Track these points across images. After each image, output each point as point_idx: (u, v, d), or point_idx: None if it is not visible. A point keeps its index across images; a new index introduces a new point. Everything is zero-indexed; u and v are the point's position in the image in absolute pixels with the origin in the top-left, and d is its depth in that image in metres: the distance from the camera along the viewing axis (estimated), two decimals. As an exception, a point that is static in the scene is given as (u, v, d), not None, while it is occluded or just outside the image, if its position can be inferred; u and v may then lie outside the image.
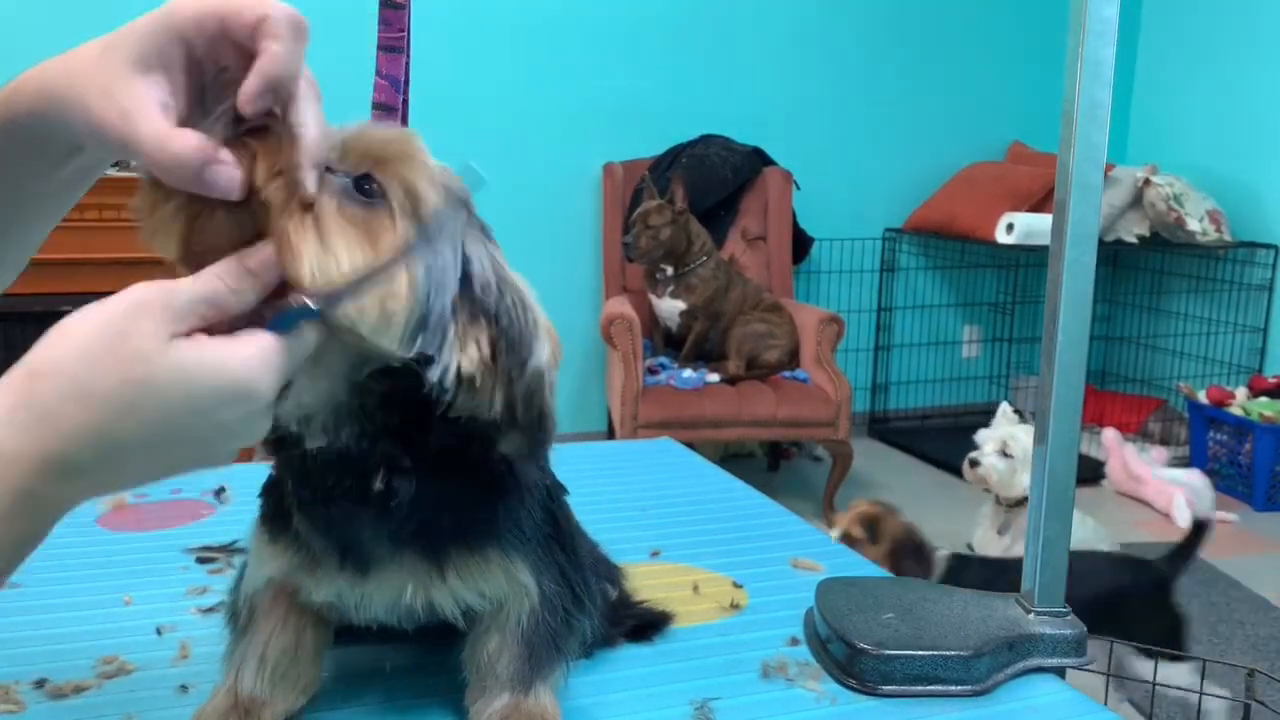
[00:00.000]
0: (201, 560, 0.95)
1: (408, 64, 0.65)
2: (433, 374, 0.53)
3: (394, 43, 0.63)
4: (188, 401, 0.46)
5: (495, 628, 0.67)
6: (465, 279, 0.54)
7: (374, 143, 0.53)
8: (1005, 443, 2.60)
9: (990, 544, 2.70)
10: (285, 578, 0.65)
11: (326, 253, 0.49)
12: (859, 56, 4.16)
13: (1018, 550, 2.61)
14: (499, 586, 0.65)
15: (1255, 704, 1.21)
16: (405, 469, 0.58)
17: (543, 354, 0.56)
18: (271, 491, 0.64)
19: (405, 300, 0.51)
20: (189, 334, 0.47)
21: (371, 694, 0.73)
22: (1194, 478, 3.47)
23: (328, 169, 0.52)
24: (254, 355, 0.47)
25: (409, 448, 0.58)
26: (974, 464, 2.63)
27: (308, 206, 0.50)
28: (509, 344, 0.55)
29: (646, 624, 0.83)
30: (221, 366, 0.47)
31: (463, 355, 0.54)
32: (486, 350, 0.55)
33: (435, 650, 0.74)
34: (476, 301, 0.55)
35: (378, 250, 0.51)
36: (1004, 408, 2.70)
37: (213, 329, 0.48)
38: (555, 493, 0.72)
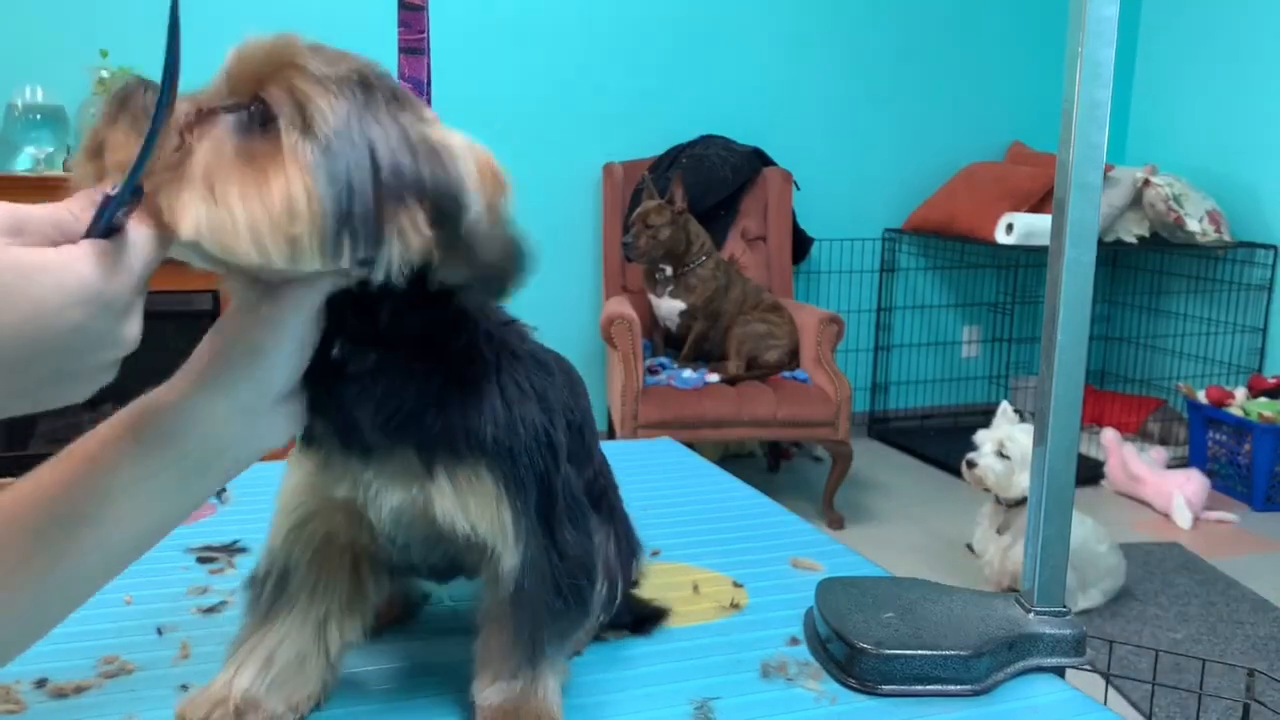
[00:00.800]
0: (202, 560, 0.96)
1: (429, 65, 0.65)
2: (377, 274, 0.52)
3: (415, 45, 0.63)
4: (29, 296, 0.43)
5: (489, 583, 0.67)
6: (375, 167, 0.52)
7: (252, 63, 0.52)
8: (1003, 443, 2.60)
9: (990, 544, 2.70)
10: (310, 479, 0.66)
11: (214, 201, 0.49)
12: (859, 57, 4.16)
13: (1017, 550, 2.61)
14: (488, 507, 0.64)
15: (1255, 704, 1.21)
16: (362, 338, 0.58)
17: (474, 203, 0.54)
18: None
19: (307, 219, 0.49)
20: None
21: (377, 693, 0.73)
22: (1193, 478, 3.48)
23: (218, 110, 0.51)
24: (86, 251, 0.45)
25: (373, 325, 0.58)
26: (971, 464, 2.63)
27: (185, 158, 0.49)
28: (442, 212, 0.53)
29: (645, 618, 0.84)
30: (60, 263, 0.44)
31: (401, 243, 0.52)
32: (425, 228, 0.53)
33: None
34: (394, 185, 0.52)
35: (271, 182, 0.49)
36: (1004, 407, 2.70)
37: None
38: (582, 424, 0.72)
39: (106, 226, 0.47)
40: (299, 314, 0.55)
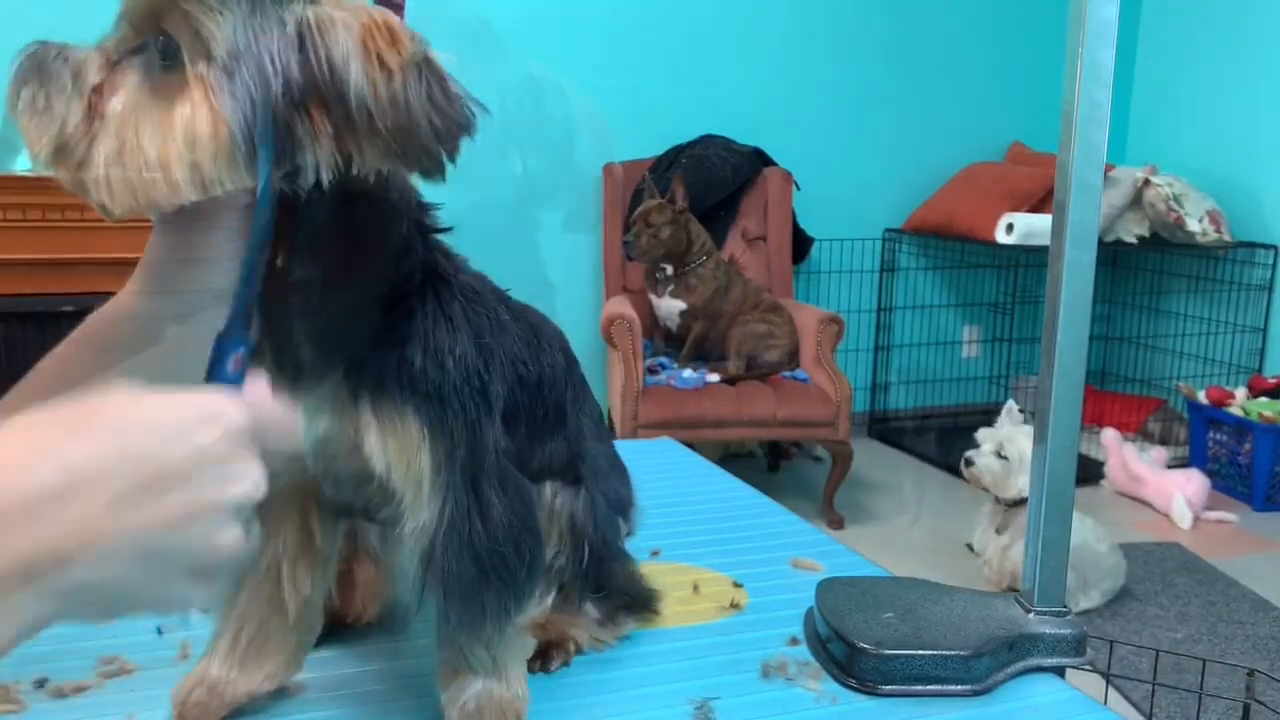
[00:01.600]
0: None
1: None
2: (305, 180, 0.52)
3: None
4: (145, 417, 0.41)
5: (411, 536, 0.63)
6: (267, 76, 0.50)
7: (144, 2, 0.52)
8: (1002, 444, 2.60)
9: (989, 543, 2.70)
10: None
11: (125, 158, 0.50)
12: (859, 57, 4.16)
13: (1016, 550, 2.61)
14: (407, 450, 0.60)
15: (1255, 704, 1.21)
16: (307, 249, 0.57)
17: (353, 72, 0.50)
18: None
19: (213, 145, 0.49)
20: None
21: (347, 692, 0.73)
22: (1193, 478, 3.47)
23: (120, 59, 0.52)
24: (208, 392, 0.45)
25: (314, 235, 0.57)
26: (969, 463, 2.63)
27: (96, 123, 0.50)
28: (338, 99, 0.50)
29: (640, 599, 0.83)
30: (179, 395, 0.43)
31: (315, 146, 0.51)
32: (326, 124, 0.51)
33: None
34: (289, 89, 0.51)
35: (176, 114, 0.49)
36: (1009, 406, 2.69)
37: None
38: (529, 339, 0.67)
39: (226, 378, 0.48)
40: (225, 227, 0.54)
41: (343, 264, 0.58)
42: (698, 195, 3.54)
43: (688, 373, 3.31)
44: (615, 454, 0.83)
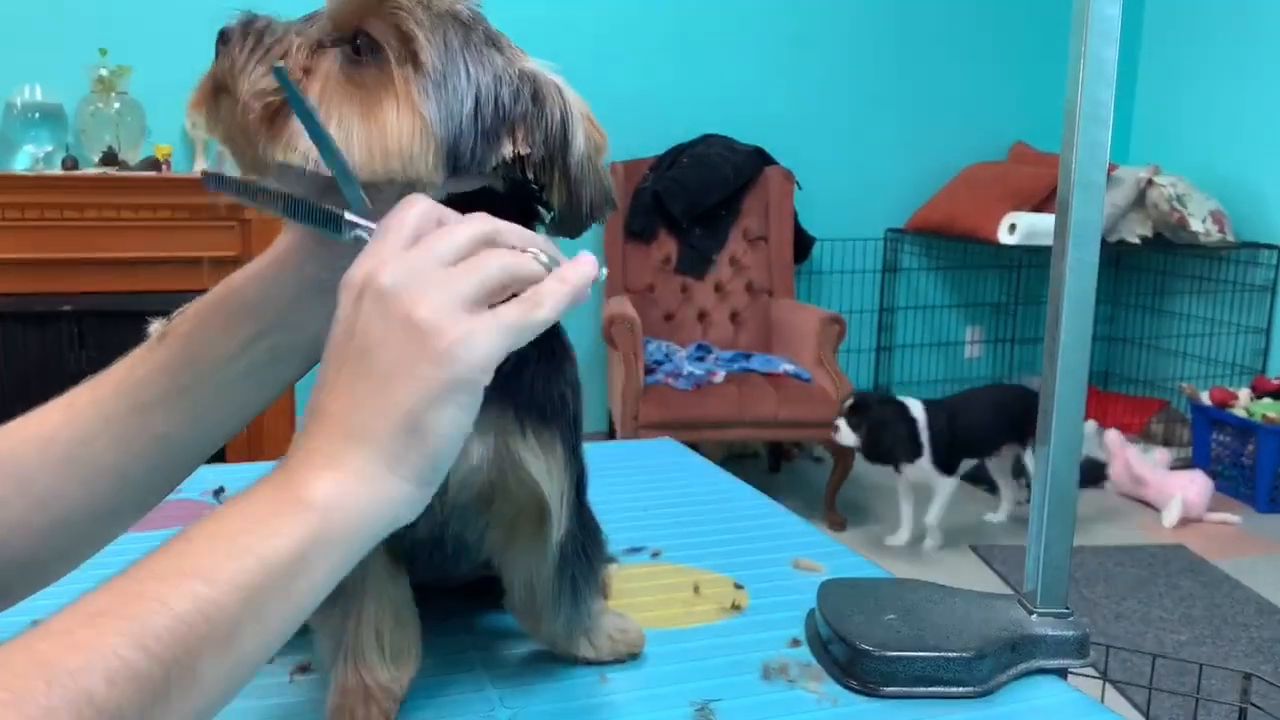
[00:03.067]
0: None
1: None
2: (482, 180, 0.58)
3: None
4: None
5: (516, 562, 0.70)
6: (477, 98, 0.56)
7: (349, 6, 0.55)
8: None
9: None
10: None
11: (331, 116, 0.53)
12: (861, 56, 4.15)
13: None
14: (556, 471, 0.66)
15: (1251, 708, 1.21)
16: None
17: (579, 139, 0.59)
18: None
19: (420, 143, 0.54)
20: None
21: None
22: (1196, 479, 3.47)
23: (320, 45, 0.54)
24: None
25: None
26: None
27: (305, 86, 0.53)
28: (549, 142, 0.58)
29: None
30: None
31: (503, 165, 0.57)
32: (523, 149, 0.58)
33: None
34: (493, 116, 0.56)
35: (384, 107, 0.53)
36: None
37: None
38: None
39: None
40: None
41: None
42: (699, 195, 3.54)
43: (688, 369, 3.30)
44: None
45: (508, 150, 0.57)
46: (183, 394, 0.59)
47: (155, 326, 0.62)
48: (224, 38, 0.54)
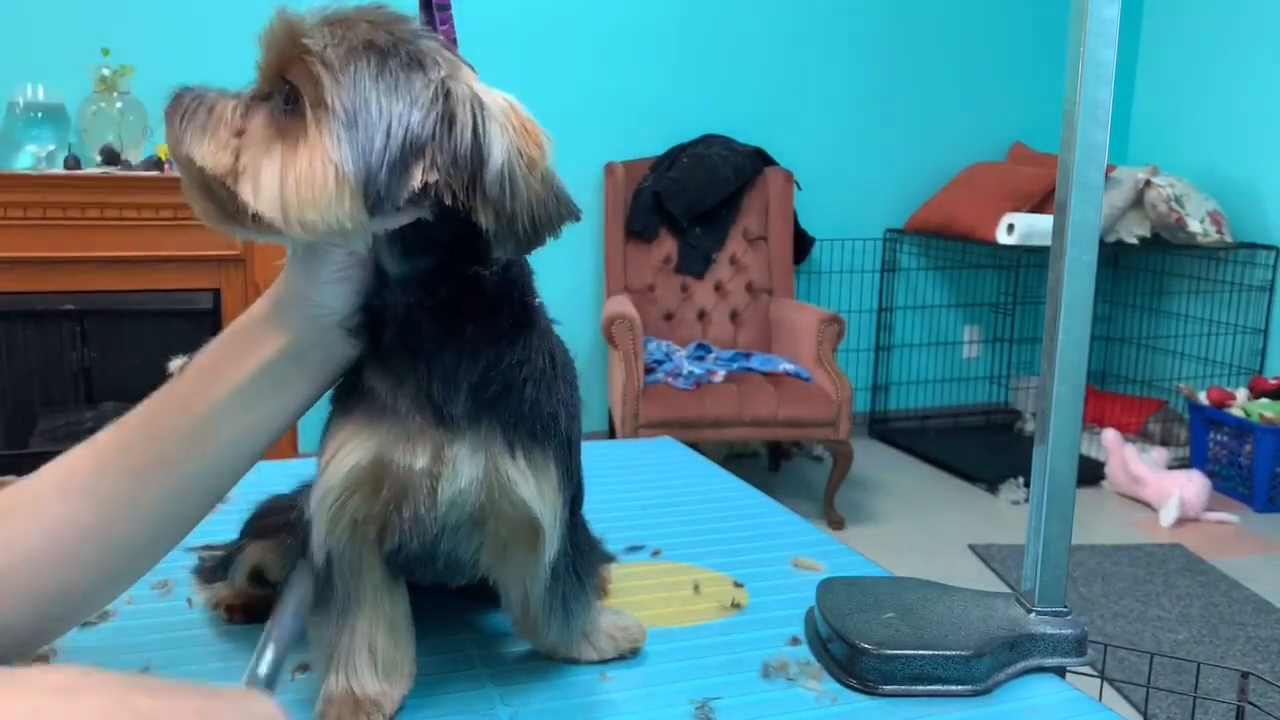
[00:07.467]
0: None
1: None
2: (414, 214, 0.58)
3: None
4: None
5: (511, 579, 0.70)
6: (388, 129, 0.55)
7: (271, 51, 0.57)
8: None
9: None
10: (380, 454, 0.63)
11: (256, 174, 0.55)
12: (860, 56, 4.16)
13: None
14: (550, 493, 0.66)
15: (1249, 706, 1.21)
16: (426, 306, 0.62)
17: (498, 151, 0.56)
18: (347, 391, 0.66)
19: (331, 185, 0.54)
20: None
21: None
22: (1194, 479, 3.47)
23: (255, 100, 0.57)
24: None
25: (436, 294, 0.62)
26: None
27: (240, 148, 0.56)
28: (459, 162, 0.56)
29: None
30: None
31: (423, 193, 0.56)
32: (430, 177, 0.56)
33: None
34: (408, 144, 0.55)
35: (297, 152, 0.55)
36: None
37: None
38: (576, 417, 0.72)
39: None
40: (333, 255, 0.62)
41: (479, 327, 0.63)
42: (699, 195, 3.54)
43: (688, 368, 3.31)
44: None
45: (416, 179, 0.55)
46: (201, 423, 0.63)
47: (175, 364, 0.66)
48: (176, 113, 0.57)
